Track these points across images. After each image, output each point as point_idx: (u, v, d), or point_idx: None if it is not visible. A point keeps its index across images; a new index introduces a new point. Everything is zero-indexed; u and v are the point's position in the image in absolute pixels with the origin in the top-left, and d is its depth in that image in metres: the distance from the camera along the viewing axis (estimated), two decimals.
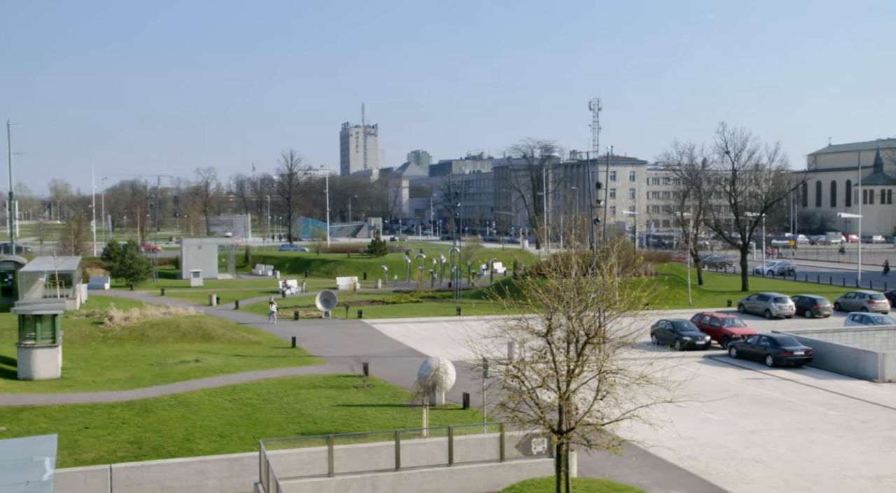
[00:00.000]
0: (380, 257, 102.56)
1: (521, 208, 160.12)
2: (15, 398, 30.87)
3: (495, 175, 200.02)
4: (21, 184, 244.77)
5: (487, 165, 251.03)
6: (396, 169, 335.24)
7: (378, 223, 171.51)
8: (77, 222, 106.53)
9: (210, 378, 35.55)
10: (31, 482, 15.86)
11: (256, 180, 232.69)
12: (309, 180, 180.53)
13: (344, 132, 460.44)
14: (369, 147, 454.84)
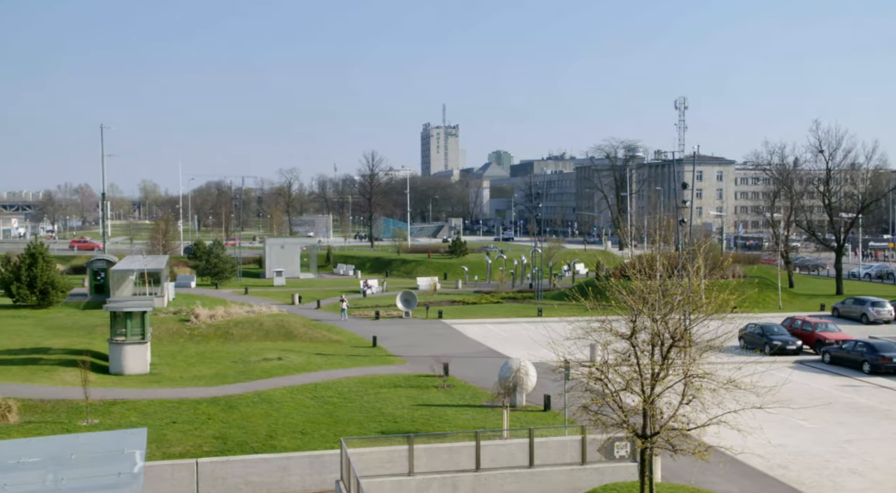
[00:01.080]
0: (460, 257, 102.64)
1: (603, 209, 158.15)
2: (107, 392, 31.79)
3: (577, 175, 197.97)
4: (113, 185, 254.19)
5: (569, 165, 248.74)
6: (477, 169, 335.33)
7: (458, 224, 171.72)
8: (165, 222, 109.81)
9: (292, 376, 36.02)
10: (122, 473, 16.25)
11: (338, 181, 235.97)
12: (390, 181, 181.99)
13: (425, 133, 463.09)
14: (450, 148, 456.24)
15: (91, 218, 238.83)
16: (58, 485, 16.28)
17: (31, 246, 59.61)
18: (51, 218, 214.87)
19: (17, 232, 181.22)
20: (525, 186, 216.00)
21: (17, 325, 49.02)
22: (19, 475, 16.79)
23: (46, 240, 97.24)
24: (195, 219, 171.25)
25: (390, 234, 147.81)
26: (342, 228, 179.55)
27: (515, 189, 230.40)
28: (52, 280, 57.89)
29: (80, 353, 38.44)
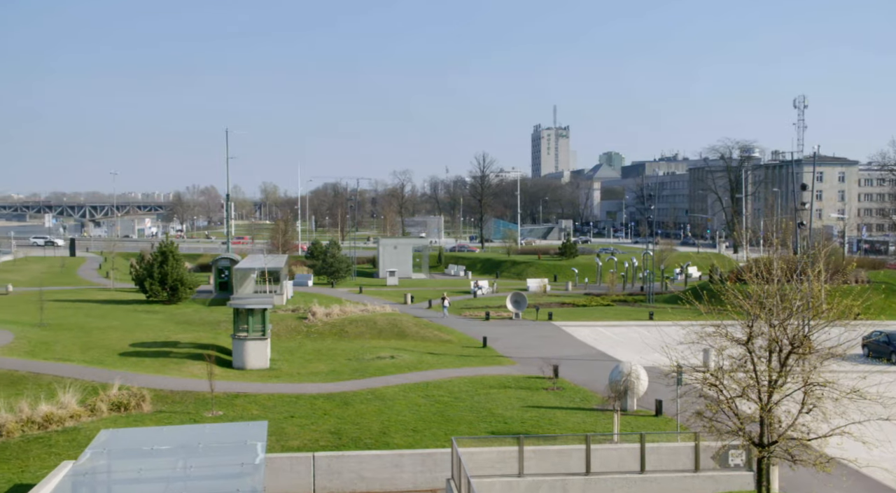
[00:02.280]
0: (570, 259, 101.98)
1: (717, 211, 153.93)
2: (230, 386, 33.25)
3: (690, 177, 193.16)
4: (236, 186, 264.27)
5: (682, 166, 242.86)
6: (588, 171, 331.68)
7: (569, 225, 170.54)
8: (284, 222, 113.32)
9: (404, 374, 36.73)
10: (245, 463, 17.07)
11: (450, 182, 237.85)
12: (500, 182, 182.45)
13: (535, 134, 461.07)
14: (560, 149, 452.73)
15: (216, 218, 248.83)
16: (186, 472, 17.24)
17: (162, 245, 62.79)
18: (180, 218, 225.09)
19: (149, 231, 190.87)
20: (636, 187, 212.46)
21: (150, 319, 51.74)
22: (152, 461, 17.87)
23: (175, 239, 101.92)
24: (312, 219, 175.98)
25: (500, 235, 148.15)
26: (453, 229, 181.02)
27: (626, 191, 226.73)
28: (181, 277, 60.78)
29: (206, 347, 40.32)
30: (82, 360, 37.26)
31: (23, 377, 32.78)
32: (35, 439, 25.53)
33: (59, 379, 32.01)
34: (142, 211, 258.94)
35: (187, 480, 16.66)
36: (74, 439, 25.54)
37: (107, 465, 17.84)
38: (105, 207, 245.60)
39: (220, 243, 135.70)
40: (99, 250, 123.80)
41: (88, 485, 16.88)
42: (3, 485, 21.95)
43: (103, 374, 33.83)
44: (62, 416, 27.01)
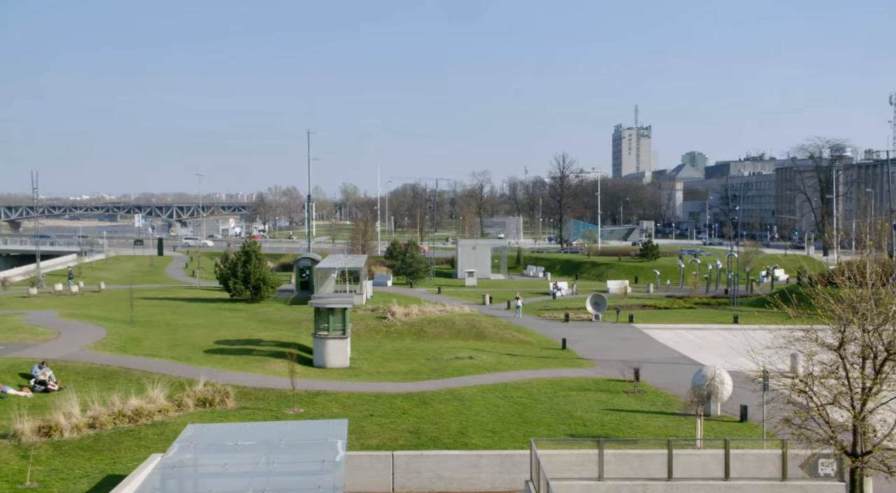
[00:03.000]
0: (652, 260, 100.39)
1: (806, 212, 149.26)
2: (311, 383, 33.74)
3: (777, 177, 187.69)
4: (317, 187, 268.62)
5: (769, 166, 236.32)
6: (670, 171, 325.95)
7: (650, 226, 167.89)
8: (364, 223, 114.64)
9: (483, 375, 36.67)
10: (326, 460, 17.27)
11: (529, 183, 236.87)
12: (580, 183, 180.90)
13: (616, 134, 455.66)
14: (642, 149, 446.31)
15: (297, 218, 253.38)
16: (269, 468, 17.54)
17: (245, 245, 64.25)
18: (262, 218, 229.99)
19: (233, 231, 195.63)
20: (720, 188, 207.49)
21: (233, 318, 52.98)
22: (236, 457, 18.26)
23: (258, 239, 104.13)
24: (391, 220, 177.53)
25: (580, 236, 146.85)
26: (532, 230, 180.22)
27: (710, 191, 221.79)
28: (263, 277, 62.09)
29: (288, 345, 41.06)
30: (169, 356, 38.36)
31: (114, 372, 33.92)
32: (126, 431, 26.37)
33: (148, 374, 33.02)
34: (226, 211, 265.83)
35: (270, 475, 16.96)
36: (162, 432, 26.29)
37: (193, 459, 18.30)
38: (191, 208, 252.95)
39: (301, 243, 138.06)
40: (185, 250, 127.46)
41: (176, 478, 17.35)
42: (97, 475, 22.74)
43: (189, 370, 34.75)
44: (151, 410, 27.84)
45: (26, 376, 32.11)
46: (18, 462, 23.38)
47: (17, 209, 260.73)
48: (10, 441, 24.78)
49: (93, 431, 26.20)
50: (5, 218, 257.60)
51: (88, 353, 37.12)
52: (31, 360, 34.02)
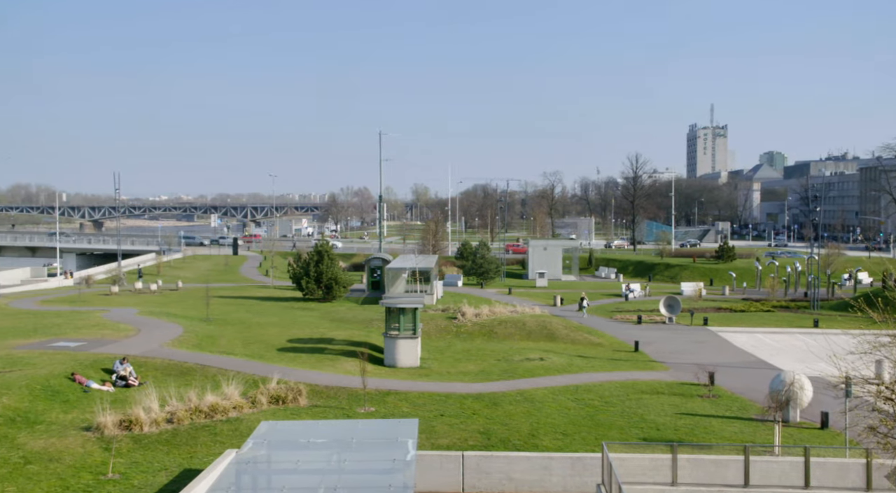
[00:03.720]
0: (727, 262, 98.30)
1: (892, 213, 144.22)
2: (381, 383, 33.98)
3: (861, 177, 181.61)
4: (388, 188, 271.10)
5: (852, 165, 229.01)
6: (747, 171, 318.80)
7: (726, 228, 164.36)
8: (434, 223, 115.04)
9: (554, 377, 36.40)
10: (396, 459, 17.34)
11: (601, 183, 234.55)
12: (654, 183, 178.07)
13: (691, 134, 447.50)
14: (718, 149, 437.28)
15: (369, 219, 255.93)
16: (341, 466, 17.70)
17: (318, 244, 65.14)
18: (334, 218, 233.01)
19: (306, 231, 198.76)
20: (800, 188, 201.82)
21: (306, 316, 53.77)
22: (309, 454, 18.48)
23: (330, 239, 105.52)
24: (462, 220, 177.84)
25: (653, 237, 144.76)
26: (604, 230, 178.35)
27: (789, 192, 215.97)
28: (335, 276, 62.85)
29: (359, 345, 41.45)
30: (244, 354, 39.10)
31: (191, 369, 34.74)
32: (202, 427, 26.96)
33: (224, 372, 33.71)
34: (299, 211, 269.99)
35: (341, 473, 17.10)
36: (237, 429, 26.79)
37: (267, 455, 18.60)
38: (265, 208, 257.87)
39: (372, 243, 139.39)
40: (259, 249, 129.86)
41: (251, 473, 17.64)
42: (175, 469, 23.31)
43: (263, 368, 35.36)
44: (226, 407, 28.41)
45: (108, 372, 33.12)
46: (101, 454, 24.12)
47: (100, 210, 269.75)
48: (94, 434, 25.59)
49: (171, 426, 26.87)
50: (89, 218, 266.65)
51: (166, 350, 38.10)
52: (113, 356, 35.07)
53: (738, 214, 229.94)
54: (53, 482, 21.88)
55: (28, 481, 21.71)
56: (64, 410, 28.22)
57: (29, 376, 30.61)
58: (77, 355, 35.20)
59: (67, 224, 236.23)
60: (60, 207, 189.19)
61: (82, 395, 30.07)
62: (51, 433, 25.53)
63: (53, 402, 28.75)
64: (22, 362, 33.57)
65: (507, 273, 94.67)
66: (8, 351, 36.16)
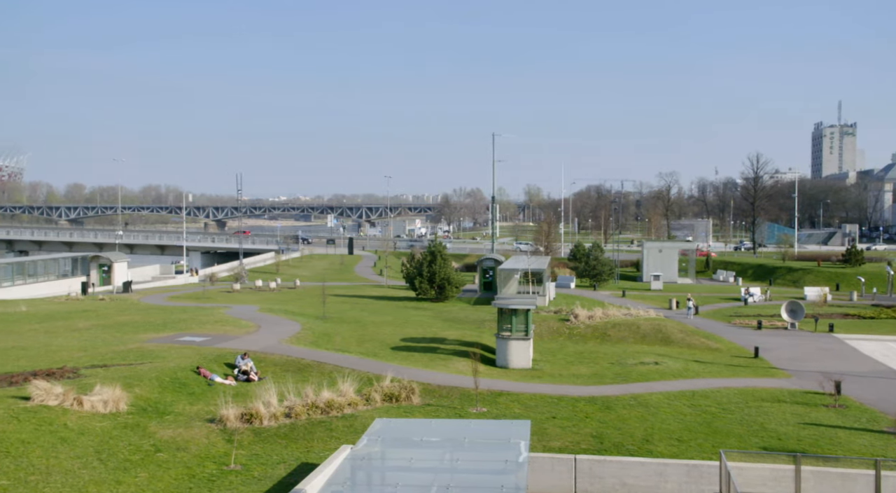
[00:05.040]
0: (855, 267, 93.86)
1: None
2: (493, 383, 34.02)
3: None
4: (501, 189, 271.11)
5: None
6: (878, 171, 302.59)
7: (854, 230, 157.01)
8: (547, 225, 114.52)
9: (669, 381, 35.62)
10: (509, 460, 17.35)
11: (719, 184, 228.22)
12: (775, 184, 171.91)
13: (816, 132, 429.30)
14: (845, 148, 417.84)
15: (481, 219, 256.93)
16: (453, 465, 17.82)
17: (431, 245, 65.84)
18: (447, 219, 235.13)
19: (419, 232, 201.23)
20: None
21: (419, 316, 54.43)
22: (422, 452, 18.69)
23: (443, 239, 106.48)
24: (575, 222, 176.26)
25: (775, 240, 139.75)
26: (722, 233, 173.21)
27: None
28: (448, 276, 63.39)
29: (471, 345, 41.66)
30: (358, 352, 39.91)
31: (308, 365, 35.70)
32: (318, 422, 27.67)
33: (339, 369, 34.49)
34: (412, 212, 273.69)
35: (454, 472, 17.22)
36: (352, 425, 27.37)
37: (381, 452, 18.92)
38: (379, 209, 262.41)
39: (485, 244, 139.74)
40: (373, 249, 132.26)
41: (365, 469, 17.99)
42: (293, 462, 24.02)
43: (377, 366, 36.00)
44: (341, 403, 29.06)
45: (230, 366, 34.41)
46: (224, 446, 25.09)
47: (223, 210, 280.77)
48: (217, 426, 26.65)
49: (288, 420, 27.69)
50: (213, 218, 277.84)
51: (284, 346, 39.28)
52: (235, 351, 36.44)
53: (868, 216, 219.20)
54: (181, 469, 22.91)
55: (158, 468, 22.81)
56: (190, 402, 29.50)
57: (158, 369, 32.16)
58: (202, 350, 36.75)
59: (193, 224, 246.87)
60: (187, 208, 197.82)
61: (206, 388, 31.36)
62: (178, 424, 26.72)
63: (180, 394, 30.10)
64: (152, 355, 35.31)
65: (621, 276, 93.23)
66: (140, 345, 38.11)
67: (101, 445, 23.69)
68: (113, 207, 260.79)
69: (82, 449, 23.06)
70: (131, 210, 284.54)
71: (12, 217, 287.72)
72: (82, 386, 27.95)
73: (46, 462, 21.67)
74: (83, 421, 25.08)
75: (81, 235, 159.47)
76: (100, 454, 23.07)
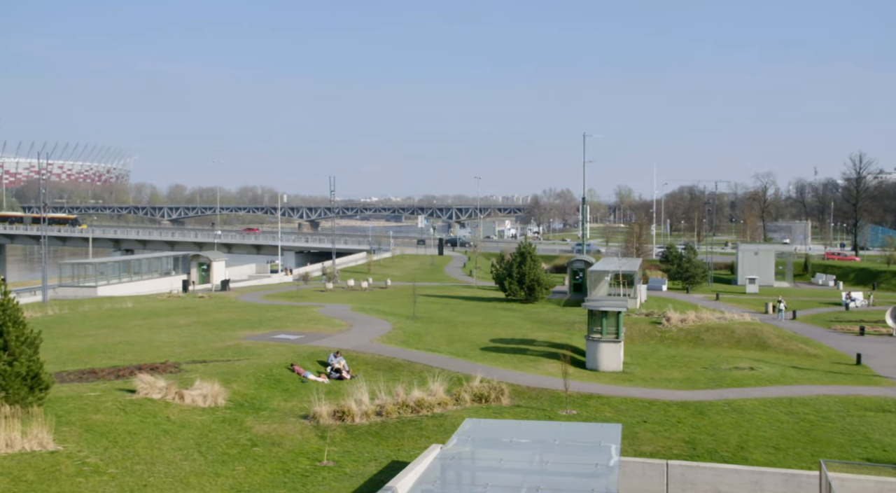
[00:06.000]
0: None
1: None
2: (583, 386, 33.78)
3: None
4: (591, 190, 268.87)
5: None
6: None
7: None
8: (638, 226, 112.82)
9: (765, 387, 34.67)
10: (599, 464, 17.25)
11: (818, 185, 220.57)
12: (880, 184, 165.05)
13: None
14: None
15: (571, 221, 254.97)
16: (543, 467, 17.83)
17: (521, 246, 65.75)
18: (536, 220, 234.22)
19: (509, 233, 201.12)
20: None
21: (508, 317, 54.44)
22: (511, 453, 18.76)
23: (532, 240, 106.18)
24: (667, 223, 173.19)
25: (879, 243, 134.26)
26: (822, 235, 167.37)
27: None
28: (537, 278, 63.18)
29: (560, 347, 41.44)
30: (448, 352, 40.18)
31: (399, 364, 36.16)
32: (408, 421, 28.01)
33: (429, 368, 34.81)
34: (502, 213, 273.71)
35: (543, 474, 17.23)
36: (441, 424, 27.61)
37: (471, 452, 19.07)
38: (469, 210, 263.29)
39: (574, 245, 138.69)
40: (463, 250, 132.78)
41: (455, 469, 18.17)
42: (383, 460, 24.41)
43: (466, 366, 36.18)
44: (431, 402, 29.34)
45: (323, 364, 35.14)
46: (317, 442, 25.68)
47: (317, 210, 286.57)
48: (311, 422, 27.29)
49: (379, 418, 28.13)
50: (306, 218, 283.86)
51: (376, 345, 39.87)
52: (328, 349, 37.19)
53: None
54: (275, 464, 23.56)
55: (254, 462, 23.51)
56: (284, 398, 30.27)
57: (254, 366, 33.12)
58: (295, 347, 37.65)
59: (287, 224, 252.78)
60: (281, 208, 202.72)
61: (300, 385, 32.12)
62: (273, 419, 27.47)
63: (275, 390, 30.92)
64: (248, 352, 36.37)
65: (715, 278, 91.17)
66: (237, 341, 39.30)
67: (200, 438, 24.57)
68: (212, 207, 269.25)
69: (183, 442, 23.97)
70: (229, 211, 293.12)
71: (119, 217, 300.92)
72: (183, 381, 29.02)
73: (151, 453, 22.61)
74: (184, 415, 26.06)
75: (182, 234, 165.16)
76: (199, 446, 23.93)
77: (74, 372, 31.20)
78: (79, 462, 20.87)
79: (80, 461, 21.00)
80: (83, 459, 21.16)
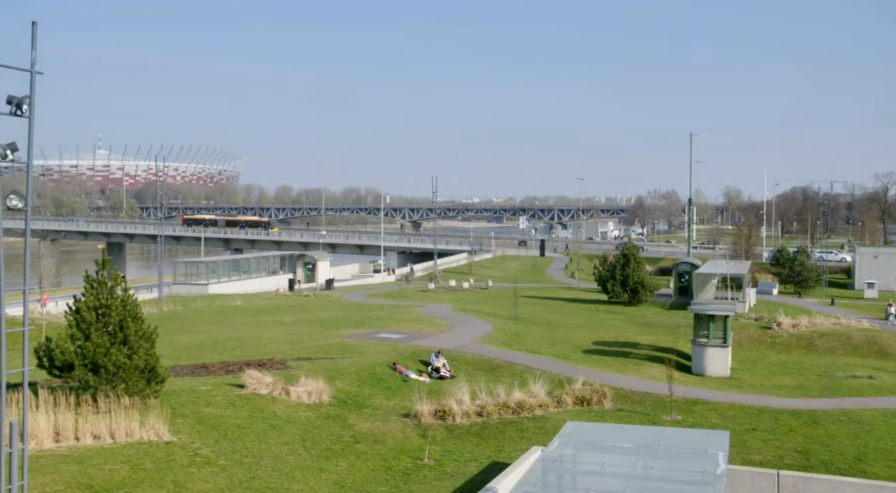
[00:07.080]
0: None
1: None
2: (689, 391, 32.91)
3: None
4: (698, 191, 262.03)
5: None
6: None
7: None
8: (748, 228, 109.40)
9: (885, 397, 33.00)
10: (706, 472, 16.77)
11: None
12: None
13: None
14: None
15: (676, 222, 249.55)
16: (646, 472, 17.45)
17: (624, 248, 64.69)
18: (641, 222, 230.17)
19: (612, 234, 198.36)
20: None
21: (611, 319, 53.62)
22: (614, 457, 18.43)
23: (637, 242, 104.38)
24: (778, 225, 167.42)
25: None
26: None
27: None
28: (641, 280, 62.04)
29: (665, 351, 40.51)
30: (549, 353, 39.85)
31: (499, 365, 36.08)
32: (509, 422, 27.90)
33: (530, 370, 34.60)
34: (605, 214, 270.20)
35: (647, 480, 16.86)
36: (542, 427, 27.38)
37: (572, 455, 18.83)
38: (571, 211, 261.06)
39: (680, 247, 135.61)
40: (565, 251, 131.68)
41: (556, 472, 17.97)
42: (484, 460, 24.38)
43: (567, 368, 35.79)
44: (532, 404, 29.13)
45: (424, 363, 35.39)
46: (418, 440, 25.87)
47: (418, 211, 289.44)
48: (412, 421, 27.51)
49: (480, 419, 28.11)
50: (409, 219, 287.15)
51: (476, 345, 39.89)
52: (429, 348, 37.43)
53: None
54: (377, 461, 23.86)
55: (357, 458, 23.87)
56: (386, 396, 30.63)
57: (358, 364, 33.64)
58: (397, 347, 38.06)
59: (390, 224, 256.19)
60: (384, 209, 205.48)
61: (402, 383, 32.43)
62: (375, 417, 27.82)
63: (377, 388, 31.32)
64: (352, 350, 36.97)
65: (830, 282, 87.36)
66: (341, 340, 40.02)
67: (305, 433, 25.11)
68: (317, 208, 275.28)
69: (289, 437, 24.54)
70: (333, 211, 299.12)
71: None
72: (289, 377, 29.73)
73: (258, 447, 23.24)
74: (290, 410, 26.68)
75: (289, 234, 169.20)
76: (304, 442, 24.45)
77: (187, 366, 32.43)
78: (191, 453, 21.64)
79: (192, 452, 21.77)
80: (195, 450, 21.93)
